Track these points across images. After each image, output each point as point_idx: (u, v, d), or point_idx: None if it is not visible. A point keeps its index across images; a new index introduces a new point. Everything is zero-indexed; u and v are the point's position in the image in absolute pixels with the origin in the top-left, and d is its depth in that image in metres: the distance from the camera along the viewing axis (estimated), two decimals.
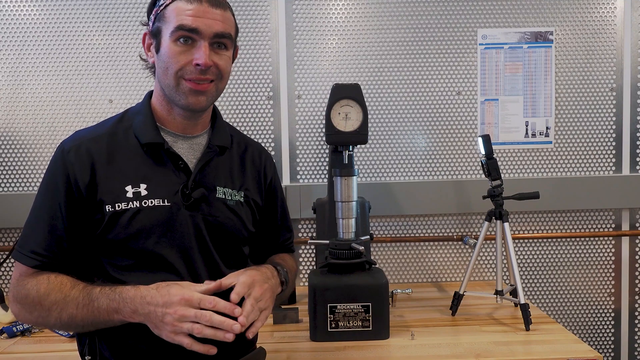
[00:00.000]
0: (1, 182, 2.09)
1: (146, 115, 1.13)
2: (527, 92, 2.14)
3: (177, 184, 1.10)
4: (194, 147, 1.15)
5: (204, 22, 1.05)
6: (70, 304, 1.00)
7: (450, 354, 1.44)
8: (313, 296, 1.53)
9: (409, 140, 2.15)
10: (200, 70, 1.06)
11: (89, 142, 1.08)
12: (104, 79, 2.08)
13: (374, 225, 2.16)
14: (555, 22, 2.13)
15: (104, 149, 1.08)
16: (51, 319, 1.02)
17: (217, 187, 1.14)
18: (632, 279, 2.20)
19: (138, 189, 1.06)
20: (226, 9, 1.10)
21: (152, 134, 1.10)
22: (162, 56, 1.08)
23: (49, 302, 1.01)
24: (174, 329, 0.94)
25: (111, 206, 1.04)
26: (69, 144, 1.08)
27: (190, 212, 1.09)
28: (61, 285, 1.02)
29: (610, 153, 2.18)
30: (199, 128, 1.17)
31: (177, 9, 1.05)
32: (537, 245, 2.20)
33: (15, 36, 2.06)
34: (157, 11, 1.09)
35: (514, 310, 1.78)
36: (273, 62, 2.11)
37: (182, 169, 1.11)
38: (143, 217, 1.05)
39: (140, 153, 1.10)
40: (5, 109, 2.07)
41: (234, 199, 1.16)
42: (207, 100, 1.10)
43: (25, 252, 1.05)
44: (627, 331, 2.21)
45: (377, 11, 2.11)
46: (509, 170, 2.17)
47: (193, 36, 1.05)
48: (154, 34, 1.10)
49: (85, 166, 1.05)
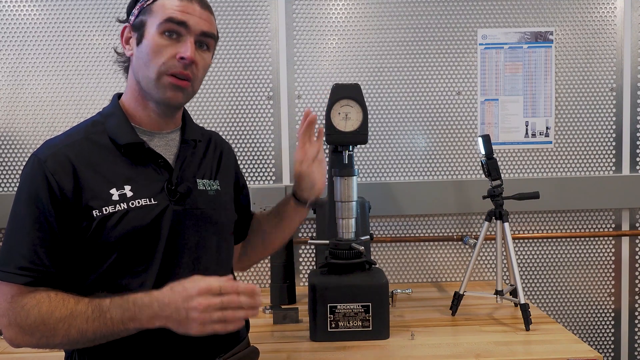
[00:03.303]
0: (1, 182, 2.09)
1: (119, 116, 1.12)
2: (527, 92, 2.14)
3: (160, 181, 1.10)
4: (169, 144, 1.16)
5: (192, 18, 1.07)
6: (78, 318, 0.97)
7: (450, 354, 1.44)
8: (313, 296, 1.53)
9: (409, 140, 2.15)
10: (183, 65, 1.06)
11: (65, 148, 1.06)
12: (104, 78, 2.08)
13: (374, 225, 2.16)
14: (555, 22, 2.13)
15: (82, 153, 1.06)
16: (57, 337, 0.98)
17: (197, 180, 1.16)
18: (632, 279, 2.20)
19: (123, 191, 1.06)
20: (212, 13, 1.13)
21: (129, 135, 1.10)
22: (144, 48, 1.08)
23: (54, 320, 0.97)
24: (202, 321, 0.94)
25: (98, 211, 1.03)
26: (44, 152, 1.05)
27: (176, 208, 1.10)
28: (64, 301, 0.99)
29: (610, 153, 2.18)
30: (172, 125, 1.18)
31: (166, 3, 1.07)
32: (537, 245, 2.20)
33: (16, 36, 2.06)
34: (142, 5, 1.10)
35: (514, 310, 1.78)
36: (273, 62, 2.11)
37: (162, 166, 1.12)
38: (132, 217, 1.05)
39: (119, 155, 1.09)
40: (5, 108, 2.07)
41: (212, 189, 1.18)
42: (184, 97, 1.11)
43: (12, 270, 0.99)
44: (627, 331, 2.21)
45: (377, 11, 2.11)
46: (509, 170, 2.17)
47: (180, 30, 1.06)
48: (137, 27, 1.10)
49: (67, 172, 1.03)
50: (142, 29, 1.09)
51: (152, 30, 1.07)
